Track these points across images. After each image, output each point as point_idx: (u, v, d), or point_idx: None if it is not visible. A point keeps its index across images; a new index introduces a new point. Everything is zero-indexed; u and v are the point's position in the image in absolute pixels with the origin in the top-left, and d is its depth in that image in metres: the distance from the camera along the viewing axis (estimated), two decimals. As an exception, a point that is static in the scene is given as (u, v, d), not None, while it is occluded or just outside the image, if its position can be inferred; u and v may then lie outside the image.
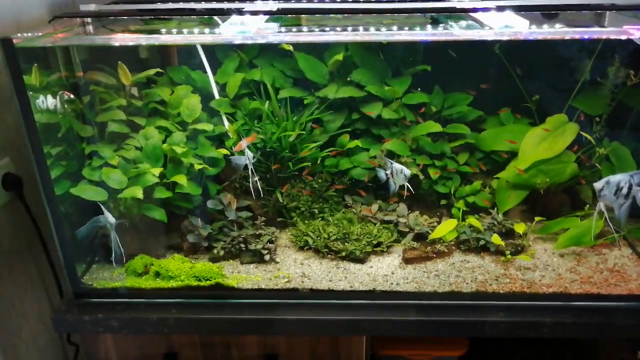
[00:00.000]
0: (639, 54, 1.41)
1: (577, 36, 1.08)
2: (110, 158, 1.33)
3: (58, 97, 1.25)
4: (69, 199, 1.31)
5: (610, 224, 1.32)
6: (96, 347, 1.37)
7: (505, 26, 1.06)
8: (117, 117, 1.36)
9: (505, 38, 1.08)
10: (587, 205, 1.44)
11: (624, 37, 1.07)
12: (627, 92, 1.42)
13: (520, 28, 1.05)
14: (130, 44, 1.22)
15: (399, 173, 1.38)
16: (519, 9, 1.19)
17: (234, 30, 1.07)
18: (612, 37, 1.11)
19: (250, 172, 1.41)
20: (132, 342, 1.37)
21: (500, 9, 1.17)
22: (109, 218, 1.29)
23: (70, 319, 1.30)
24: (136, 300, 1.32)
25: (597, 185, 1.27)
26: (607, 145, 1.45)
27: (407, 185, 1.40)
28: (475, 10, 1.20)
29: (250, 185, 1.42)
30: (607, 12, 1.36)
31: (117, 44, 1.16)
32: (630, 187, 1.23)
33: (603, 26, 1.34)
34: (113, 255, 1.33)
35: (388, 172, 1.40)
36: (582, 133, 1.44)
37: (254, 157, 1.41)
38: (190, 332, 1.32)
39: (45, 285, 1.60)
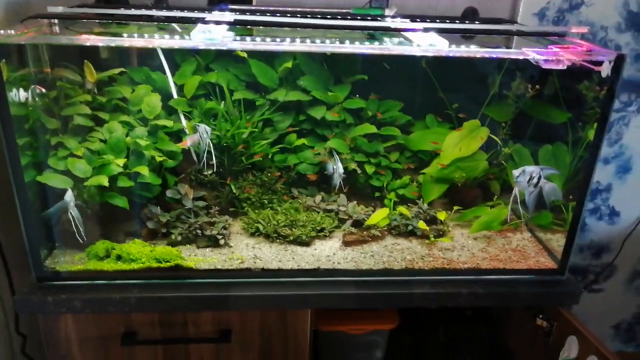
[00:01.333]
0: (534, 73, 1.71)
1: (486, 55, 1.33)
2: (75, 149, 1.42)
3: (30, 91, 1.33)
4: (32, 187, 1.39)
5: (520, 208, 1.56)
6: (57, 329, 1.44)
7: (430, 44, 1.29)
8: (82, 111, 1.46)
9: (429, 54, 1.30)
10: (495, 197, 1.71)
11: (521, 57, 1.33)
12: (527, 103, 1.71)
13: (441, 47, 1.28)
14: (100, 44, 1.33)
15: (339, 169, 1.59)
16: (442, 31, 1.43)
17: (202, 37, 1.22)
18: (514, 57, 1.36)
19: (206, 148, 1.52)
20: (93, 323, 1.45)
21: (427, 30, 1.40)
22: (67, 195, 1.38)
23: (34, 300, 1.37)
24: (99, 282, 1.41)
25: (515, 172, 1.50)
26: (511, 147, 1.72)
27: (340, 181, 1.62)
28: (406, 30, 1.43)
29: (204, 162, 1.54)
30: (515, 36, 1.65)
31: (88, 44, 1.27)
32: (539, 178, 1.49)
33: (509, 47, 1.63)
34: (76, 232, 1.41)
35: (334, 167, 1.59)
36: (492, 136, 1.71)
37: (208, 133, 1.52)
38: (151, 310, 1.43)
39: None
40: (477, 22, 1.70)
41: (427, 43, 1.30)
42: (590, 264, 2.56)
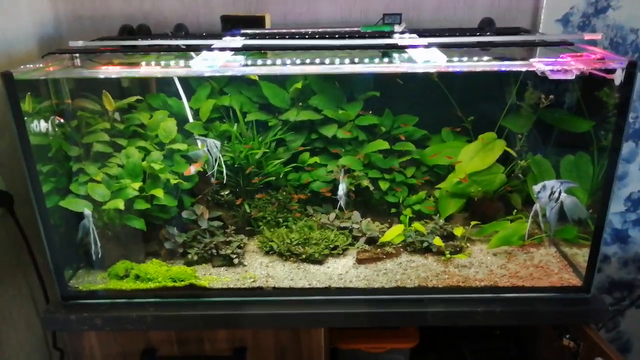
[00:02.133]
0: (553, 81, 1.65)
1: (489, 69, 1.31)
2: (95, 174, 1.50)
3: (50, 121, 1.42)
4: (57, 212, 1.48)
5: (542, 224, 1.51)
6: (82, 346, 1.52)
7: (426, 61, 1.28)
8: (101, 138, 1.54)
9: (429, 70, 1.29)
10: (515, 210, 1.66)
11: (526, 69, 1.29)
12: (546, 112, 1.66)
13: (439, 62, 1.27)
14: (114, 76, 1.40)
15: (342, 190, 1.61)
16: (447, 46, 1.42)
17: (204, 65, 1.27)
18: (517, 69, 1.33)
19: (215, 161, 1.56)
20: (114, 340, 1.52)
21: (429, 45, 1.39)
22: (85, 211, 1.44)
23: (58, 318, 1.45)
24: (118, 301, 1.48)
25: (536, 187, 1.45)
26: (530, 158, 1.67)
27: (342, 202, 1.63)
28: (409, 47, 1.42)
29: (214, 174, 1.57)
30: (537, 46, 1.60)
31: (102, 76, 1.35)
32: (559, 193, 1.44)
33: (531, 57, 1.58)
34: (93, 248, 1.48)
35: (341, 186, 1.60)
36: (507, 149, 1.66)
37: (217, 147, 1.55)
38: (166, 328, 1.48)
39: (33, 295, 1.74)
40: (488, 34, 1.67)
41: (425, 59, 1.29)
42: (636, 278, 2.42)
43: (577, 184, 1.50)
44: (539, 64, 1.28)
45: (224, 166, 1.58)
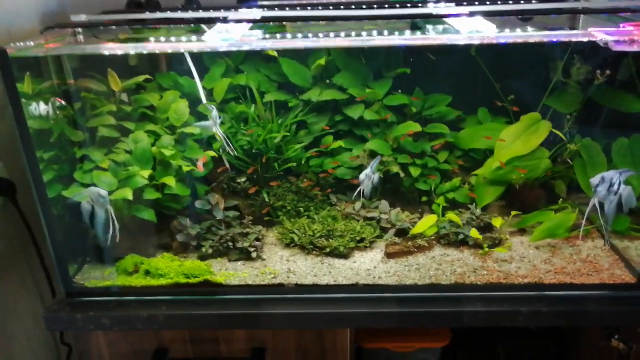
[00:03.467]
0: (606, 55, 1.48)
1: (544, 39, 1.14)
2: (100, 161, 1.38)
3: (50, 104, 1.30)
4: (61, 201, 1.36)
5: (601, 219, 1.35)
6: (89, 344, 1.42)
7: (474, 31, 1.12)
8: (107, 122, 1.41)
9: (475, 42, 1.13)
10: (561, 199, 1.50)
11: (587, 39, 1.13)
12: (596, 91, 1.49)
13: (488, 32, 1.11)
14: (119, 52, 1.27)
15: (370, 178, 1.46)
16: (491, 14, 1.26)
17: (218, 38, 1.13)
18: (575, 39, 1.17)
19: (221, 136, 1.44)
20: (124, 339, 1.41)
21: (472, 14, 1.23)
22: (101, 192, 1.29)
23: (63, 317, 1.34)
24: (127, 298, 1.37)
25: (594, 180, 1.30)
26: (579, 142, 1.51)
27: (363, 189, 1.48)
28: (449, 16, 1.26)
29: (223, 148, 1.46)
30: (581, 14, 1.44)
31: (106, 52, 1.21)
32: (619, 184, 1.28)
33: (575, 28, 1.41)
34: (110, 231, 1.34)
35: (368, 174, 1.46)
36: (554, 130, 1.50)
37: (220, 118, 1.44)
38: (179, 327, 1.37)
39: (39, 287, 1.64)
40: (534, 1, 1.50)
41: (471, 29, 1.13)
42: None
43: (636, 172, 1.33)
44: (600, 33, 1.11)
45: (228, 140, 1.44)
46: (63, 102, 1.35)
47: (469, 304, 1.32)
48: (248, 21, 1.26)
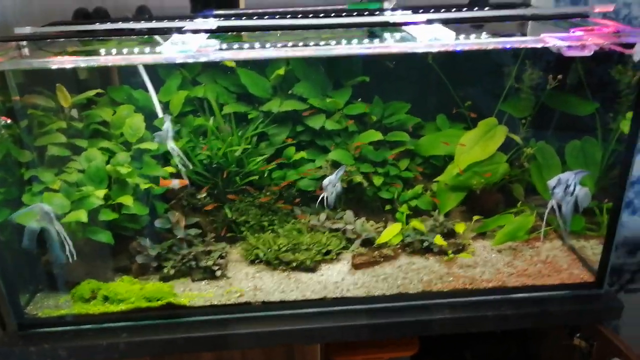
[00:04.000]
0: (557, 60, 1.53)
1: (500, 46, 1.16)
2: (51, 182, 1.30)
3: (-6, 123, 1.21)
4: (9, 227, 1.27)
5: (559, 220, 1.38)
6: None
7: (434, 39, 1.13)
8: (57, 140, 1.33)
9: (434, 49, 1.14)
10: (519, 202, 1.54)
11: (541, 45, 1.16)
12: (548, 95, 1.53)
13: (447, 39, 1.12)
14: (70, 66, 1.20)
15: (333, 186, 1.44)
16: (447, 22, 1.27)
17: (175, 50, 1.08)
18: (531, 46, 1.19)
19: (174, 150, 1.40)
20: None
21: (430, 21, 1.24)
22: (45, 208, 1.22)
23: (15, 351, 1.25)
24: (84, 327, 1.30)
25: (551, 183, 1.32)
26: (534, 145, 1.55)
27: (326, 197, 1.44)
28: (407, 24, 1.27)
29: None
30: (530, 21, 1.48)
31: (55, 66, 1.14)
32: (575, 185, 1.31)
33: (524, 34, 1.45)
34: (66, 251, 1.26)
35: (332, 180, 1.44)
36: (510, 135, 1.54)
37: (171, 131, 1.39)
38: (142, 355, 1.30)
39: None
40: (487, 9, 1.53)
41: (430, 37, 1.14)
42: (625, 262, 2.36)
43: (590, 172, 1.38)
44: (552, 39, 1.14)
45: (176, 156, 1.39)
46: (8, 120, 1.26)
47: (437, 311, 1.33)
48: (205, 31, 1.22)
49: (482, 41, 1.14)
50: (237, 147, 1.49)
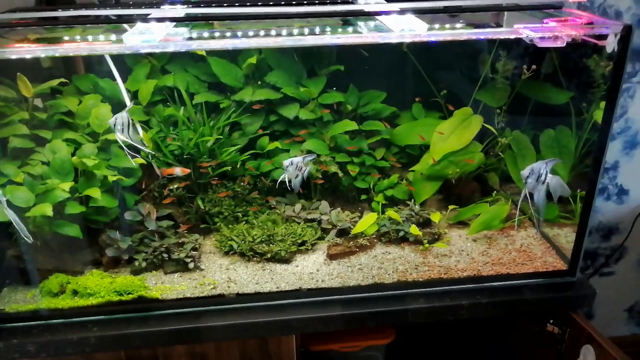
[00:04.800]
0: (533, 49, 1.53)
1: (472, 37, 1.15)
2: (14, 175, 1.26)
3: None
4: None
5: (532, 209, 1.38)
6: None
7: (407, 29, 1.11)
8: (19, 131, 1.29)
9: (406, 40, 1.12)
10: (495, 192, 1.54)
11: (513, 36, 1.15)
12: (522, 84, 1.53)
13: (419, 30, 1.10)
14: (30, 55, 1.15)
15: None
16: (421, 12, 1.25)
17: (139, 39, 1.05)
18: (504, 37, 1.18)
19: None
20: (54, 366, 1.31)
21: (403, 11, 1.22)
22: None
23: (-19, 347, 1.22)
24: (53, 322, 1.26)
25: (524, 172, 1.32)
26: (509, 135, 1.55)
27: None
28: (380, 13, 1.24)
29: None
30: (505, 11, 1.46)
31: (14, 56, 1.10)
32: (546, 174, 1.32)
33: (500, 24, 1.44)
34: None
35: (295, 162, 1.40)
36: (485, 125, 1.53)
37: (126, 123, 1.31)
38: (114, 349, 1.28)
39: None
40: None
41: (403, 27, 1.12)
42: (599, 246, 2.40)
43: (560, 159, 1.38)
44: (525, 30, 1.14)
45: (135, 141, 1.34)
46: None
47: (412, 301, 1.33)
48: (171, 20, 1.18)
49: (454, 32, 1.13)
50: (209, 138, 1.46)
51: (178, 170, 1.42)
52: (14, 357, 1.24)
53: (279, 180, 1.41)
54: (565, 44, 1.14)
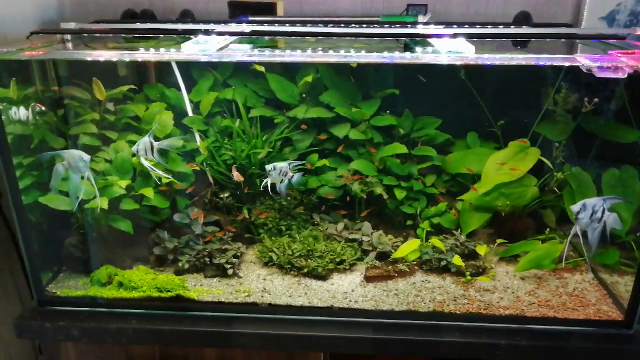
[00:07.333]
0: (598, 83, 1.45)
1: (523, 62, 1.12)
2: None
3: (30, 109, 1.29)
4: (39, 208, 1.35)
5: (584, 248, 1.30)
6: (58, 355, 1.39)
7: (451, 51, 1.10)
8: (89, 130, 1.40)
9: (451, 62, 1.11)
10: (548, 229, 1.46)
11: (569, 64, 1.10)
12: (583, 119, 1.45)
13: (467, 53, 1.09)
14: (100, 59, 1.26)
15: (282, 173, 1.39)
16: (478, 37, 1.24)
17: (195, 48, 1.12)
18: (558, 64, 1.14)
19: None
20: (93, 352, 1.38)
21: (455, 35, 1.22)
22: (84, 156, 1.22)
23: (33, 325, 1.32)
24: (97, 310, 1.34)
25: (574, 208, 1.25)
26: (568, 170, 1.47)
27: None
28: (431, 36, 1.25)
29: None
30: (578, 41, 1.41)
31: (88, 58, 1.21)
32: (603, 212, 1.23)
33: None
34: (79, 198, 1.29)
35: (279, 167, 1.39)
36: (542, 158, 1.46)
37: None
38: (148, 343, 1.33)
39: (20, 295, 1.62)
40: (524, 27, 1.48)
41: (450, 49, 1.11)
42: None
43: (621, 198, 1.29)
44: (584, 59, 1.09)
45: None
46: (43, 108, 1.34)
47: (447, 333, 1.28)
48: (231, 33, 1.26)
49: (504, 57, 1.10)
50: (260, 150, 1.51)
51: (235, 175, 1.46)
52: (59, 338, 1.33)
53: (262, 185, 1.41)
54: (626, 75, 1.07)
